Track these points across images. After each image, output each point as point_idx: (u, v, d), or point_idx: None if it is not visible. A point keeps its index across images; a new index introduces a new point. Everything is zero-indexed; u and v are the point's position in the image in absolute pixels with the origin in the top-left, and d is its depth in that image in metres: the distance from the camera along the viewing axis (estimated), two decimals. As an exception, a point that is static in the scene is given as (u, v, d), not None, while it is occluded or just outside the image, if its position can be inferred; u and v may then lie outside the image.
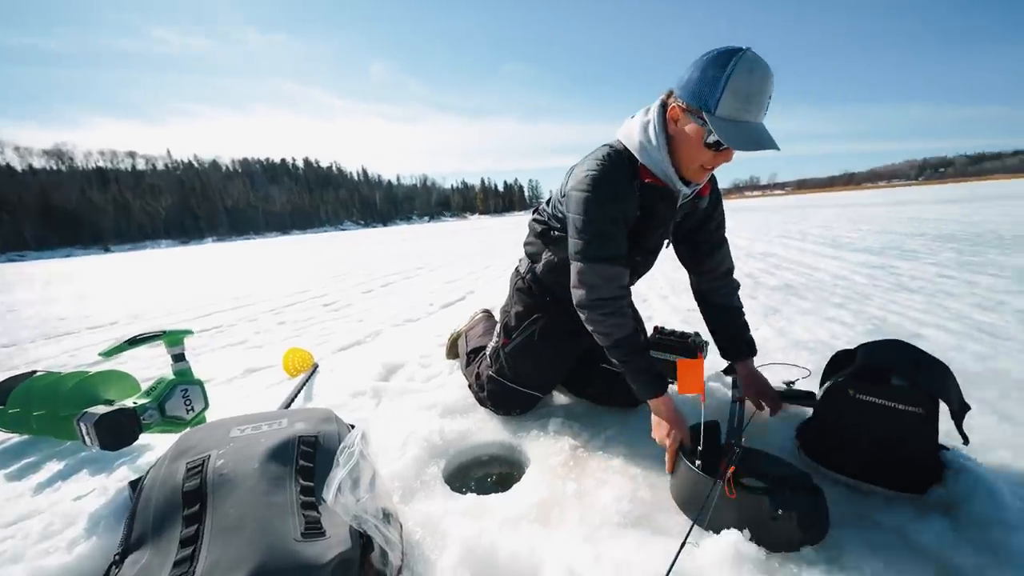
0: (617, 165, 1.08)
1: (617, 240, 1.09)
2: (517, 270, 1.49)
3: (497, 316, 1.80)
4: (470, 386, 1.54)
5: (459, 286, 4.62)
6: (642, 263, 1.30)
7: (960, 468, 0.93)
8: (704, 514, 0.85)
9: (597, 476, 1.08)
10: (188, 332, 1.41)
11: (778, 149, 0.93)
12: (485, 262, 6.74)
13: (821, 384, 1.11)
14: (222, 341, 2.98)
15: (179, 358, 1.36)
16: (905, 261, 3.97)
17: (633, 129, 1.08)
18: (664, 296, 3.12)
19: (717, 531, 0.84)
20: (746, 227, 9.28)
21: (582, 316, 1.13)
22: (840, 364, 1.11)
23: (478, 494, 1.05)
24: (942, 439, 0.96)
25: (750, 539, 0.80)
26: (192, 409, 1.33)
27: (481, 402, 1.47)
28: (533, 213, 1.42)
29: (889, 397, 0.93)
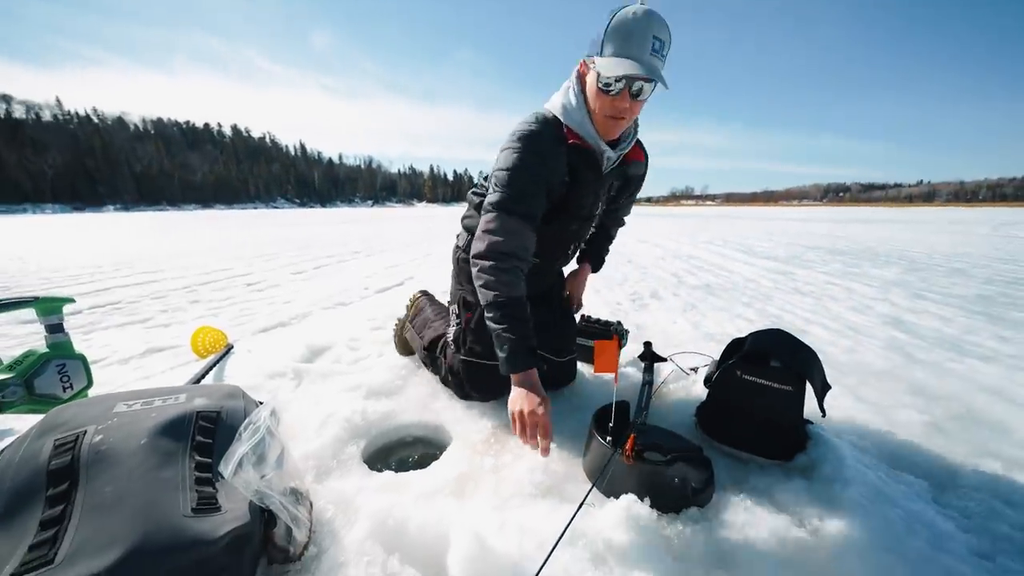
0: (545, 126, 1.12)
1: (534, 200, 1.11)
2: (456, 245, 1.48)
3: (439, 297, 1.78)
4: (446, 384, 1.41)
5: (399, 271, 4.49)
6: (579, 230, 1.35)
7: (818, 438, 1.10)
8: (602, 479, 0.92)
9: (515, 452, 1.12)
10: (68, 300, 1.24)
11: (656, 80, 0.95)
12: (428, 249, 6.61)
13: (717, 367, 1.25)
14: (119, 319, 2.65)
15: (55, 329, 1.19)
16: (803, 269, 4.52)
17: (557, 96, 1.15)
18: (597, 290, 3.28)
19: (618, 497, 0.91)
20: (680, 232, 9.98)
21: (474, 268, 1.10)
22: (734, 350, 1.25)
23: (396, 472, 1.05)
24: (807, 415, 1.12)
25: (649, 504, 0.89)
26: (71, 387, 1.17)
27: (465, 396, 1.35)
28: (472, 187, 1.45)
29: (767, 377, 1.07)
